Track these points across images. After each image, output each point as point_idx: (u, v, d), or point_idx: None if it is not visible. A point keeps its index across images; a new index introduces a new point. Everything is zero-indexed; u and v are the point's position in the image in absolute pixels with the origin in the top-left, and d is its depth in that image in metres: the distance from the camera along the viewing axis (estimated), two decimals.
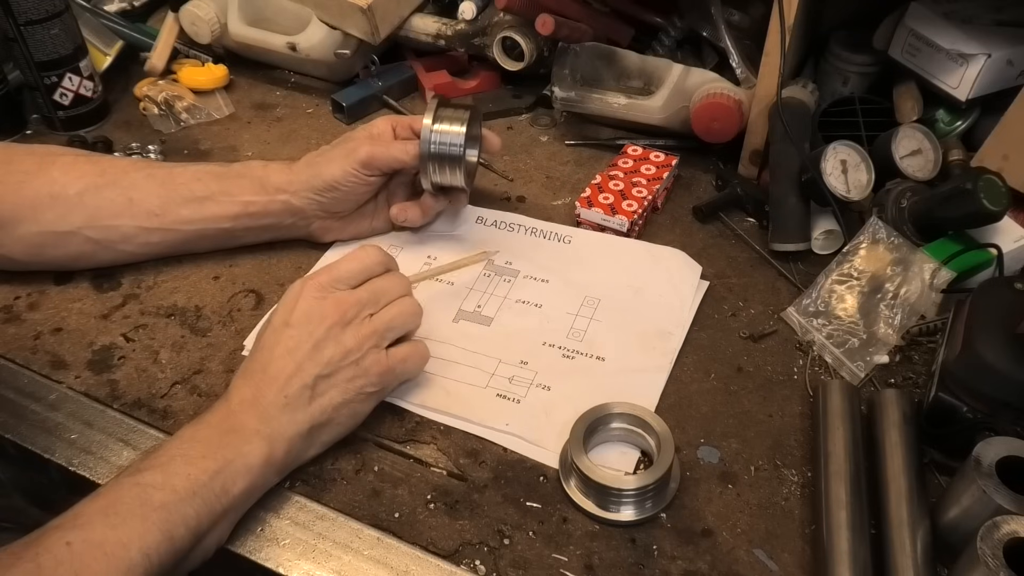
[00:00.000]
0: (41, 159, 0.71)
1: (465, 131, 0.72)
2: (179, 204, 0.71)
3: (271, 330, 0.58)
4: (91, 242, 0.70)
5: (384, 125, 0.75)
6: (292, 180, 0.72)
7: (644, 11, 1.01)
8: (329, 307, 0.58)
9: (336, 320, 0.58)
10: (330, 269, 0.60)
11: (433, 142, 0.72)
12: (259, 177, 0.72)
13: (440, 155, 0.72)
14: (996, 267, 0.70)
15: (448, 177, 0.74)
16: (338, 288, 0.59)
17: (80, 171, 0.70)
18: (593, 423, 0.59)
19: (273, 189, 0.72)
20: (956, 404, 0.58)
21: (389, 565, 0.54)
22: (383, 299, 0.61)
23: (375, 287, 0.61)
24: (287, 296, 0.60)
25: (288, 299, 0.59)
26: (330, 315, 0.58)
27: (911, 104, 0.84)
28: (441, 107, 0.73)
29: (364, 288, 0.60)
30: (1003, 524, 0.46)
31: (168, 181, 0.71)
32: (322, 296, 0.59)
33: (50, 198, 0.68)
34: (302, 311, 0.58)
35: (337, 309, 0.58)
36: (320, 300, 0.58)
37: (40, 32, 0.87)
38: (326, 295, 0.59)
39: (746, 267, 0.78)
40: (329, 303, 0.58)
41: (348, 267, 0.61)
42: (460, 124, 0.72)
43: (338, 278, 0.60)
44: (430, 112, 0.72)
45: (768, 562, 0.54)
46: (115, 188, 0.70)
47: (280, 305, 0.60)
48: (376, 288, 0.61)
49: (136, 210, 0.70)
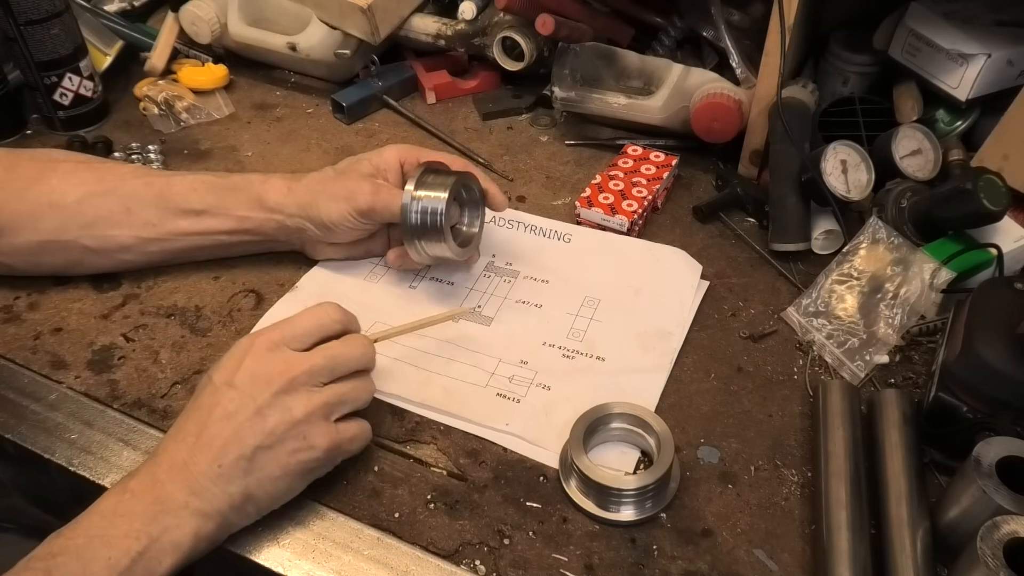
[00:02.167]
0: (43, 166, 0.70)
1: (447, 197, 0.66)
2: (176, 216, 0.70)
3: (211, 388, 0.53)
4: (89, 251, 0.70)
5: (392, 158, 0.72)
6: (288, 204, 0.70)
7: (644, 11, 1.01)
8: (277, 369, 0.53)
9: (284, 385, 0.52)
10: (282, 326, 0.55)
11: (414, 211, 0.67)
12: (257, 194, 0.71)
13: (422, 227, 0.67)
14: (996, 267, 0.70)
15: (436, 249, 0.69)
16: (290, 347, 0.54)
17: (79, 179, 0.70)
18: (593, 423, 0.59)
19: (269, 208, 0.71)
20: (956, 404, 0.58)
21: (389, 565, 0.54)
22: (339, 368, 0.55)
23: (332, 353, 0.55)
24: (233, 351, 0.54)
25: (234, 355, 0.54)
26: (277, 378, 0.52)
27: (911, 104, 0.84)
28: (426, 173, 0.68)
29: (319, 353, 0.55)
30: (1003, 524, 0.46)
31: (165, 191, 0.70)
32: (271, 356, 0.53)
33: (49, 207, 0.68)
34: (247, 371, 0.53)
35: (286, 373, 0.53)
36: (268, 361, 0.53)
37: (40, 32, 0.87)
38: (275, 355, 0.53)
39: (746, 267, 0.78)
40: (277, 364, 0.53)
41: (303, 325, 0.55)
42: (443, 190, 0.66)
43: (291, 336, 0.55)
44: (412, 179, 0.67)
45: (768, 562, 0.54)
46: (113, 197, 0.69)
47: (224, 360, 0.54)
48: (333, 354, 0.55)
49: (134, 220, 0.70)
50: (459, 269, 0.76)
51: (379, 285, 0.75)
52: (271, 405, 0.52)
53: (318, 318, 0.56)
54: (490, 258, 0.78)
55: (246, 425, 0.52)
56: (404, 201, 0.67)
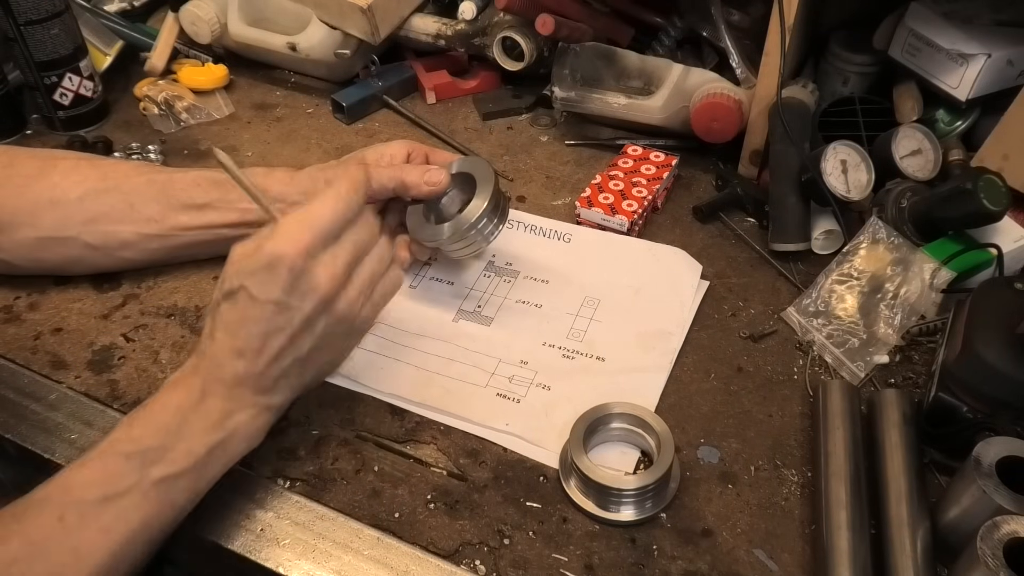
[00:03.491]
0: (43, 163, 0.71)
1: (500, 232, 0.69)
2: (178, 210, 0.70)
3: (257, 305, 0.53)
4: (89, 247, 0.70)
5: (400, 149, 0.72)
6: (291, 192, 0.70)
7: (644, 11, 1.01)
8: (320, 279, 0.54)
9: (327, 292, 0.55)
10: (311, 227, 0.54)
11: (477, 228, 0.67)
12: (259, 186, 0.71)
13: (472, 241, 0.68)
14: (996, 267, 0.70)
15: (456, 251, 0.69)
16: (325, 248, 0.55)
17: (82, 175, 0.70)
18: (593, 423, 0.59)
19: (271, 199, 0.71)
20: (956, 404, 0.58)
21: (389, 565, 0.54)
22: (362, 253, 0.58)
23: (356, 242, 0.57)
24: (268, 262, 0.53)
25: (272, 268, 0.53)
26: (321, 288, 0.54)
27: (911, 104, 0.84)
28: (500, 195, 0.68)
29: (345, 247, 0.56)
30: (1003, 524, 0.46)
31: (168, 187, 0.71)
32: (311, 266, 0.54)
33: (50, 203, 0.68)
34: (290, 286, 0.53)
35: (328, 282, 0.55)
36: (309, 272, 0.54)
37: (40, 32, 0.87)
38: (314, 263, 0.54)
39: (746, 267, 0.78)
40: (320, 274, 0.54)
41: (330, 221, 0.55)
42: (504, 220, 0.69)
43: (322, 237, 0.55)
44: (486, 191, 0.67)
45: (768, 562, 0.54)
46: (116, 193, 0.69)
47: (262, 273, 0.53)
48: (357, 242, 0.57)
49: (136, 216, 0.70)
50: (458, 269, 0.76)
51: None
52: (318, 312, 0.55)
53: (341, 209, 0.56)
54: (490, 258, 0.78)
55: (299, 336, 0.55)
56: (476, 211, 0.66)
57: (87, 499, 0.48)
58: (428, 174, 0.67)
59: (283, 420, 0.62)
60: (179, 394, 0.54)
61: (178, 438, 0.51)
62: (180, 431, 0.52)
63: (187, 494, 0.52)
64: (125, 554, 0.48)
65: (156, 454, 0.50)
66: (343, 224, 0.56)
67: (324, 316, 0.55)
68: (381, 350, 0.68)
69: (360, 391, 0.65)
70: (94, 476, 0.49)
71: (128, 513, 0.48)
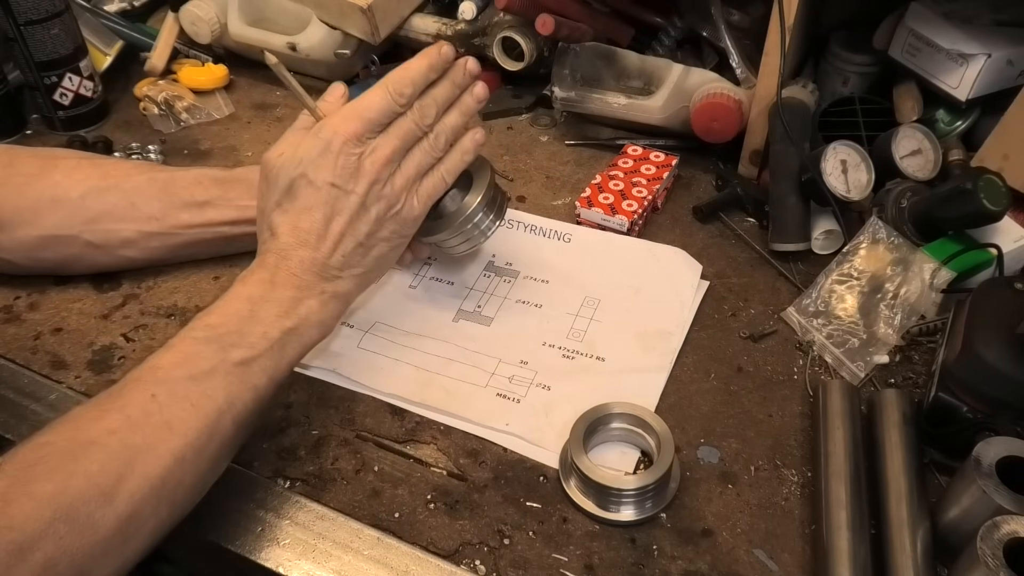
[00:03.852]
0: (44, 162, 0.71)
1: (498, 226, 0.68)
2: (179, 208, 0.71)
3: (312, 189, 0.58)
4: (90, 246, 0.70)
5: None
6: None
7: (644, 11, 1.01)
8: (368, 166, 0.58)
9: (375, 178, 0.58)
10: (360, 115, 0.58)
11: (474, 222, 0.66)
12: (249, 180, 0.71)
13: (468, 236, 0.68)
14: (996, 267, 0.70)
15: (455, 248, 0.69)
16: (371, 136, 0.59)
17: (83, 174, 0.70)
18: (593, 423, 0.59)
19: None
20: (956, 404, 0.58)
21: (389, 565, 0.54)
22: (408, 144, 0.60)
23: (402, 134, 0.60)
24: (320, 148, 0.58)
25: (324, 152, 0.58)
26: (369, 173, 0.58)
27: (911, 104, 0.84)
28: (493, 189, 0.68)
29: (392, 137, 0.59)
30: (1003, 524, 0.46)
31: (169, 185, 0.71)
32: (359, 151, 0.58)
33: (52, 201, 0.68)
34: (342, 169, 0.58)
35: (374, 167, 0.58)
36: (358, 156, 0.58)
37: (40, 32, 0.87)
38: (362, 149, 0.58)
39: (746, 267, 0.78)
40: (368, 162, 0.58)
41: (377, 110, 0.59)
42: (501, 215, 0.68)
43: (370, 125, 0.58)
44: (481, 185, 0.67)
45: (768, 562, 0.54)
46: (117, 191, 0.70)
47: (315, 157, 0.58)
48: (403, 134, 0.60)
49: (137, 214, 0.70)
50: (458, 269, 0.76)
51: (379, 285, 0.75)
52: (369, 196, 0.59)
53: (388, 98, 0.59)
54: (490, 258, 0.78)
55: (356, 217, 0.59)
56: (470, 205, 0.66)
57: (175, 377, 0.50)
58: None
59: (283, 420, 0.63)
60: (249, 287, 0.56)
61: (253, 324, 0.54)
62: (254, 317, 0.55)
63: (265, 377, 0.54)
64: (213, 430, 0.50)
65: (234, 338, 0.53)
66: (390, 115, 0.59)
67: (376, 201, 0.59)
68: (381, 350, 0.68)
69: (360, 391, 0.65)
70: (179, 358, 0.52)
71: (213, 391, 0.51)
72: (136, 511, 0.46)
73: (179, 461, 0.48)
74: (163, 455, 0.48)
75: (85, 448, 0.46)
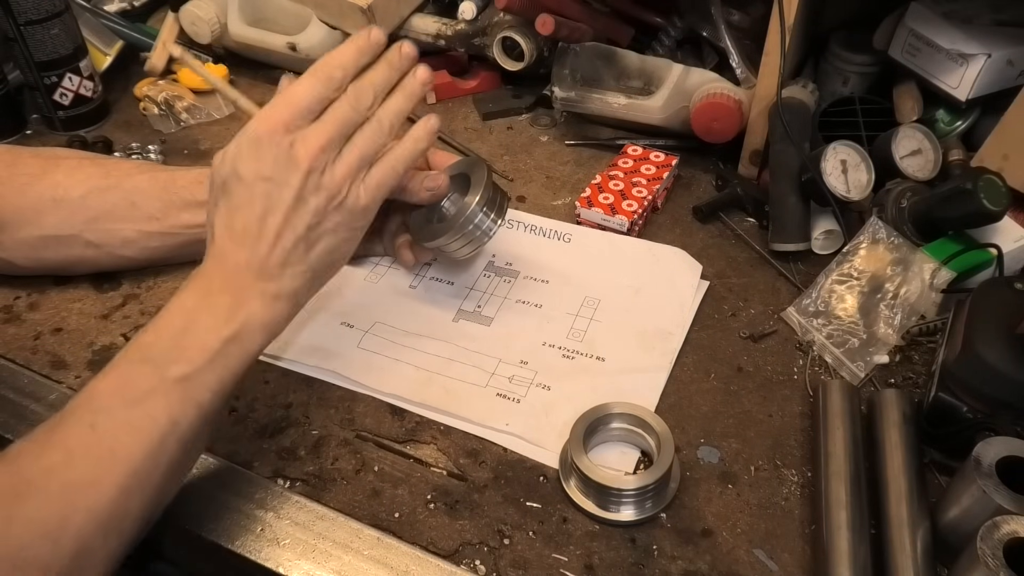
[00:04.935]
0: (45, 162, 0.71)
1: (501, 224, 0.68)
2: (180, 208, 0.70)
3: (243, 185, 0.54)
4: (91, 246, 0.70)
5: None
6: None
7: (644, 11, 1.01)
8: (300, 153, 0.54)
9: (310, 167, 0.54)
10: (288, 101, 0.55)
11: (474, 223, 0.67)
12: None
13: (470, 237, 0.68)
14: (996, 267, 0.70)
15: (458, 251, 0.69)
16: (303, 124, 0.55)
17: (84, 174, 0.70)
18: (593, 423, 0.59)
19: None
20: (956, 404, 0.58)
21: (389, 565, 0.54)
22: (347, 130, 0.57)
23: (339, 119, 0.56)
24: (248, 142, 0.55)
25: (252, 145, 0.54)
26: (303, 162, 0.54)
27: (911, 104, 0.84)
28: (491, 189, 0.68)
29: (326, 123, 0.56)
30: (1003, 524, 0.46)
31: (170, 184, 0.71)
32: (290, 141, 0.54)
33: (53, 202, 0.68)
34: (273, 161, 0.54)
35: (308, 155, 0.54)
36: (289, 146, 0.54)
37: (40, 32, 0.87)
38: (293, 138, 0.54)
39: (746, 267, 0.78)
40: (300, 149, 0.54)
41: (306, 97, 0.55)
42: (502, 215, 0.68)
43: (298, 111, 0.55)
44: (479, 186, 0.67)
45: (768, 562, 0.54)
46: (118, 191, 0.70)
47: (243, 152, 0.55)
48: (340, 119, 0.56)
49: (138, 214, 0.70)
50: (458, 269, 0.76)
51: (379, 285, 0.75)
52: (306, 187, 0.55)
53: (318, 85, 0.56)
54: (490, 258, 0.78)
55: (292, 211, 0.55)
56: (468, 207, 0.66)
57: (113, 404, 0.48)
58: (427, 180, 0.66)
59: (283, 420, 0.63)
60: (184, 297, 0.53)
61: (189, 337, 0.51)
62: (189, 330, 0.52)
63: (208, 392, 0.51)
64: (158, 453, 0.48)
65: (171, 354, 0.50)
66: (320, 101, 0.56)
67: (314, 192, 0.55)
68: (381, 350, 0.68)
69: (360, 391, 0.65)
70: (115, 383, 0.50)
71: (155, 412, 0.49)
72: (84, 547, 0.45)
73: (124, 492, 0.47)
74: (107, 488, 0.46)
75: (26, 490, 0.45)
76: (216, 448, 0.60)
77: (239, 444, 0.61)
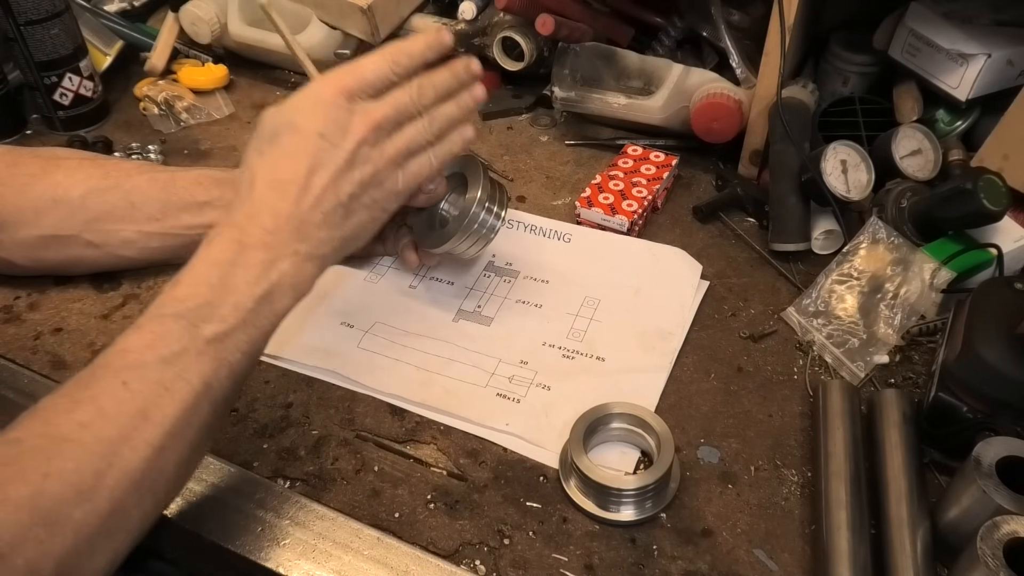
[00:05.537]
0: (46, 162, 0.71)
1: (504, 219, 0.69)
2: (179, 209, 0.70)
3: (299, 137, 0.55)
4: (91, 246, 0.70)
5: None
6: None
7: (644, 11, 1.01)
8: (359, 122, 0.56)
9: (364, 137, 0.56)
10: (355, 71, 0.57)
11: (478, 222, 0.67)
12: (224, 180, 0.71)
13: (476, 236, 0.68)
14: (996, 267, 0.70)
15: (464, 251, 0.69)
16: (365, 97, 0.57)
17: (84, 174, 0.70)
18: (593, 423, 0.59)
19: None
20: (956, 404, 0.58)
21: (389, 565, 0.54)
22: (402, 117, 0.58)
23: (397, 104, 0.58)
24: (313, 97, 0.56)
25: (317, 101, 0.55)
26: (359, 130, 0.55)
27: (911, 104, 0.84)
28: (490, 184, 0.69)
29: (385, 104, 0.57)
30: (1003, 524, 0.46)
31: (170, 185, 0.71)
32: (350, 107, 0.56)
33: (53, 202, 0.68)
34: (333, 122, 0.55)
35: (365, 126, 0.56)
36: (349, 112, 0.56)
37: (40, 32, 0.87)
38: (354, 106, 0.56)
39: (746, 267, 0.78)
40: (359, 118, 0.56)
41: (373, 72, 0.57)
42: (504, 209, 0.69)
43: (366, 85, 0.57)
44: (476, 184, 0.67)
45: (768, 562, 0.54)
46: (118, 191, 0.70)
47: (305, 105, 0.56)
48: (398, 105, 0.58)
49: (137, 214, 0.70)
50: (459, 269, 0.76)
51: (379, 285, 0.75)
52: (356, 156, 0.55)
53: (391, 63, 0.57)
54: (490, 258, 0.78)
55: (340, 175, 0.55)
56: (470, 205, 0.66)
57: (146, 361, 0.48)
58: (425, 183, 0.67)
59: (283, 420, 0.63)
60: (217, 249, 0.53)
61: (224, 293, 0.51)
62: (225, 285, 0.51)
63: (240, 353, 0.51)
64: (191, 415, 0.48)
65: (204, 311, 0.50)
66: (386, 81, 0.57)
67: (363, 163, 0.56)
68: (381, 350, 0.68)
69: (360, 391, 0.65)
70: (148, 339, 0.49)
71: (187, 373, 0.48)
72: (118, 506, 0.44)
73: (158, 450, 0.46)
74: (140, 447, 0.45)
75: (58, 445, 0.44)
76: (216, 448, 0.60)
77: (239, 444, 0.61)
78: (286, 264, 0.53)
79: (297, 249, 0.54)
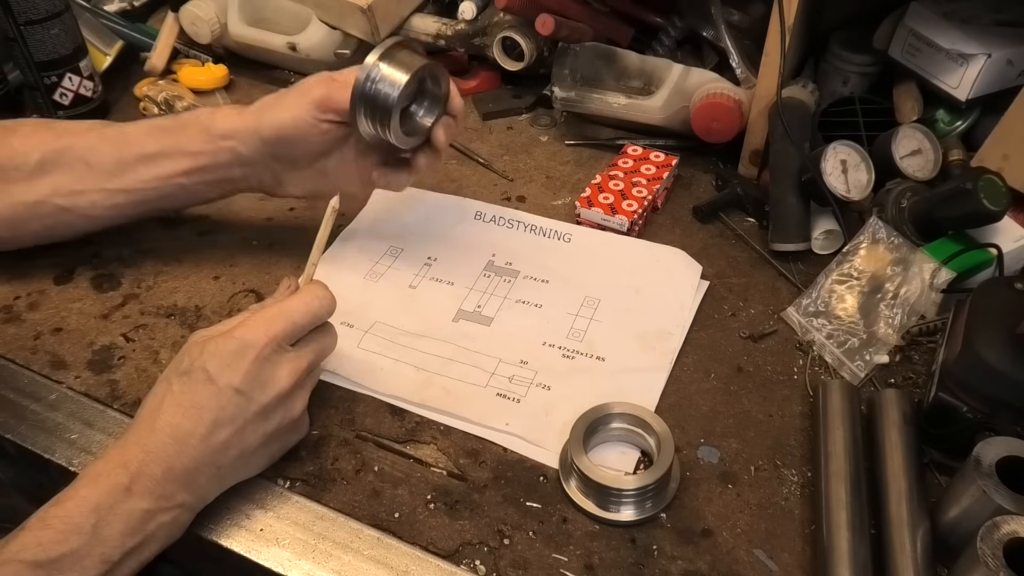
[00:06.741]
0: (3, 130, 0.70)
1: (407, 79, 0.63)
2: (133, 163, 0.69)
3: (213, 389, 0.52)
4: (62, 210, 0.69)
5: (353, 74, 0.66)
6: (239, 127, 0.68)
7: (644, 11, 1.01)
8: (284, 375, 0.54)
9: (287, 388, 0.54)
10: (285, 319, 0.55)
11: (371, 79, 0.63)
12: (205, 126, 0.69)
13: (373, 99, 0.63)
14: (996, 267, 0.70)
15: (379, 129, 0.65)
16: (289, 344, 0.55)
17: (39, 139, 0.70)
18: (593, 423, 0.59)
19: (219, 136, 0.68)
20: (956, 404, 0.58)
21: (389, 565, 0.54)
22: (321, 359, 0.59)
23: (320, 348, 0.58)
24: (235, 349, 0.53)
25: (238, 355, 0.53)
26: (282, 383, 0.54)
27: (911, 104, 0.84)
28: (396, 47, 0.64)
29: (312, 348, 0.57)
30: (1003, 524, 0.46)
31: (120, 140, 0.70)
32: (276, 360, 0.54)
33: (14, 170, 0.68)
34: (254, 376, 0.53)
35: (291, 377, 0.55)
36: (274, 365, 0.54)
37: (40, 32, 0.87)
38: (281, 357, 0.54)
39: (746, 267, 0.78)
40: (284, 371, 0.54)
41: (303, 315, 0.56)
42: (406, 71, 0.63)
43: (293, 331, 0.55)
44: (379, 49, 0.63)
45: (768, 562, 0.54)
46: (71, 152, 0.69)
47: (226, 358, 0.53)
48: (320, 348, 0.58)
49: (95, 173, 0.69)
50: (459, 269, 0.76)
51: (379, 285, 0.75)
52: (275, 407, 0.55)
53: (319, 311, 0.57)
54: (490, 258, 0.78)
55: (249, 428, 0.54)
56: (362, 67, 0.63)
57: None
58: None
59: None
60: (100, 490, 0.49)
61: (94, 543, 0.48)
62: (97, 535, 0.48)
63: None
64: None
65: (67, 562, 0.47)
66: (314, 323, 0.57)
67: (279, 412, 0.55)
68: (381, 350, 0.68)
69: (360, 391, 0.65)
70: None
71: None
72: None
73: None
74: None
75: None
76: None
77: None
78: (167, 516, 0.51)
79: (183, 501, 0.51)
